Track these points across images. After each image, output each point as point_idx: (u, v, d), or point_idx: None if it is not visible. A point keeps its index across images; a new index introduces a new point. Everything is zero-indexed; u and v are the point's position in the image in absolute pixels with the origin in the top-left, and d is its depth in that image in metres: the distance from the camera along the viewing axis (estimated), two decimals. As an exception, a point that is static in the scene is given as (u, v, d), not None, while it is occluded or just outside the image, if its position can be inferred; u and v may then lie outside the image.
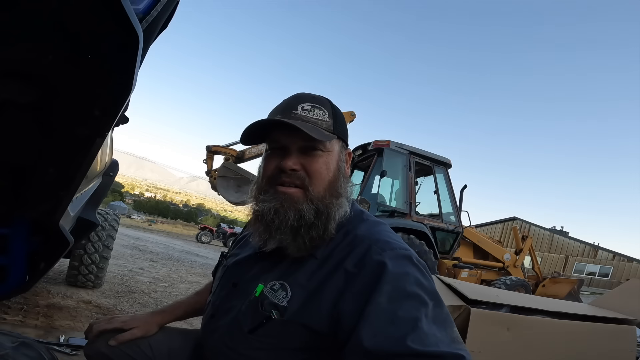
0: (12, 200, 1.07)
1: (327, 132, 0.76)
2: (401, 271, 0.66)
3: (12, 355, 0.38)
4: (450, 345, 0.60)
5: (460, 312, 1.67)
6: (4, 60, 0.65)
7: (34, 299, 2.53)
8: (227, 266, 0.91)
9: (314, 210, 0.73)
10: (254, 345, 0.73)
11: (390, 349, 0.59)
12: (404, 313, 0.62)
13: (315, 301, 0.69)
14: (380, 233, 0.75)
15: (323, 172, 0.75)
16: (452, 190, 5.55)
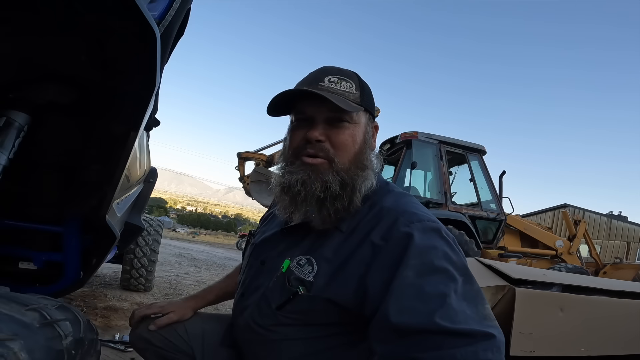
0: (63, 200, 1.18)
1: (354, 104, 0.74)
2: (429, 244, 0.64)
3: (51, 312, 0.43)
4: (482, 323, 0.58)
5: (505, 293, 1.60)
6: (44, 66, 0.73)
7: (93, 302, 2.74)
8: (254, 244, 0.93)
9: (339, 182, 0.72)
10: (282, 322, 0.74)
11: (418, 325, 0.57)
12: (432, 288, 0.60)
13: (342, 275, 0.69)
14: (408, 204, 0.73)
15: (349, 144, 0.74)
16: (490, 177, 5.31)
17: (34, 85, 0.76)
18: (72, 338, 0.45)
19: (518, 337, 1.49)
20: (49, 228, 1.24)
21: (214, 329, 0.95)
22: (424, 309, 0.58)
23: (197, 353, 0.90)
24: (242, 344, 0.84)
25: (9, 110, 0.76)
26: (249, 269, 0.89)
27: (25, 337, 0.36)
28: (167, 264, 5.40)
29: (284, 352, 0.74)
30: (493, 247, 5.22)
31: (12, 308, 0.40)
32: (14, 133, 0.77)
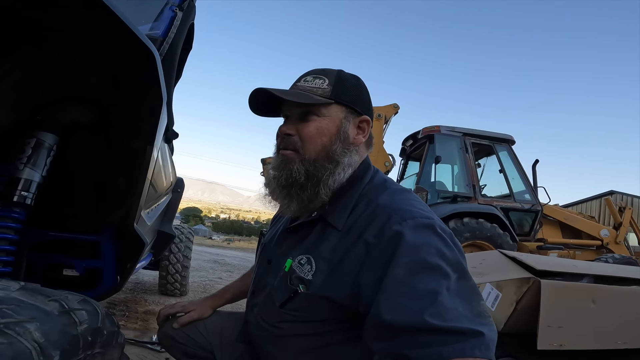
0: (96, 211, 1.29)
1: (319, 97, 0.77)
2: (421, 241, 0.65)
3: (70, 303, 0.51)
4: (474, 321, 0.58)
5: (530, 285, 1.55)
6: (62, 88, 0.82)
7: (134, 306, 2.93)
8: (264, 243, 0.97)
9: (304, 171, 0.76)
10: (286, 318, 0.77)
11: (408, 323, 0.58)
12: (423, 286, 0.60)
13: (338, 274, 0.70)
14: (403, 201, 0.74)
15: (314, 136, 0.77)
16: (521, 167, 5.08)
17: (57, 106, 0.86)
18: (87, 326, 0.52)
19: (546, 331, 1.44)
20: (87, 237, 1.34)
21: (231, 325, 1.00)
22: (414, 307, 0.59)
23: (215, 349, 0.96)
24: (253, 340, 0.88)
25: (38, 132, 0.87)
26: (258, 268, 0.94)
27: (42, 321, 0.43)
28: (202, 270, 5.63)
29: (290, 347, 0.78)
30: (531, 240, 4.97)
31: (37, 299, 0.48)
32: (44, 152, 0.88)
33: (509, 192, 4.95)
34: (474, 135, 4.92)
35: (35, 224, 1.13)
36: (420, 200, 0.78)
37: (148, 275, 4.10)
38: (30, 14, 0.63)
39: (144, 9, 1.18)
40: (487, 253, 1.94)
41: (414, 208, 0.71)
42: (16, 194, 0.85)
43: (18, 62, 0.70)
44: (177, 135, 1.59)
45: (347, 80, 0.82)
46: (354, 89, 0.82)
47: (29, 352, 0.38)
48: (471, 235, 4.13)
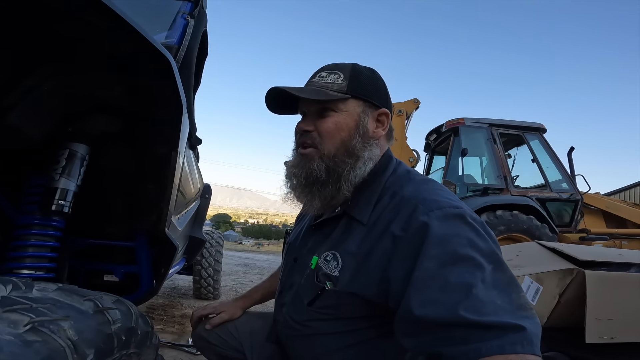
0: (130, 217, 1.35)
1: (334, 92, 0.76)
2: (450, 232, 0.62)
3: (104, 303, 0.52)
4: (514, 314, 0.55)
5: (573, 277, 1.46)
6: (89, 98, 0.86)
7: (172, 310, 3.02)
8: (289, 242, 0.97)
9: (324, 168, 0.75)
10: (315, 317, 0.76)
11: (441, 318, 0.56)
12: (456, 279, 0.57)
13: (365, 269, 0.69)
14: (428, 192, 0.71)
15: (332, 131, 0.76)
16: (556, 155, 4.82)
17: (86, 118, 0.90)
18: (120, 325, 0.53)
19: (594, 324, 1.35)
20: (123, 243, 1.40)
21: (261, 326, 1.01)
22: (447, 301, 0.56)
23: (246, 349, 0.97)
24: (282, 339, 0.88)
25: (70, 143, 0.91)
26: (285, 267, 0.94)
27: (76, 319, 0.45)
28: (233, 274, 5.75)
29: (320, 346, 0.77)
30: (572, 231, 4.69)
31: (73, 299, 0.50)
32: (78, 162, 0.92)
33: (544, 182, 4.70)
34: (501, 126, 4.73)
35: (75, 232, 1.20)
36: (447, 190, 0.75)
37: (183, 280, 4.23)
38: (51, 28, 0.66)
39: (157, 19, 1.22)
40: (523, 245, 1.85)
41: (441, 198, 0.69)
42: (54, 203, 0.90)
43: (45, 74, 0.74)
44: (200, 142, 1.63)
45: (363, 73, 0.80)
46: (370, 82, 0.81)
47: (63, 349, 0.40)
48: (506, 228, 3.95)
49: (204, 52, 1.60)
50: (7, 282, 0.47)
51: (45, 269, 0.94)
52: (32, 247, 0.92)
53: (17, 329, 0.38)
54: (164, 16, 1.23)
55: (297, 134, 0.81)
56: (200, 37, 1.33)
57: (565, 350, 1.44)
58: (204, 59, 1.64)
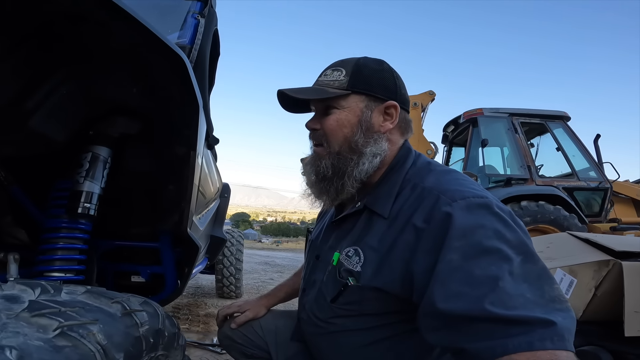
0: (154, 218, 1.36)
1: (335, 90, 0.75)
2: (475, 223, 0.59)
3: (131, 305, 0.52)
4: (546, 307, 0.52)
5: (610, 269, 1.39)
6: (107, 100, 0.87)
7: (196, 310, 3.07)
8: (311, 240, 0.97)
9: (330, 165, 0.75)
10: (339, 313, 0.75)
11: (466, 312, 0.54)
12: (481, 271, 0.55)
13: (388, 263, 0.67)
14: (451, 182, 0.69)
15: (334, 129, 0.76)
16: (582, 143, 4.63)
17: (106, 120, 0.91)
18: (148, 327, 0.53)
19: (633, 317, 1.28)
20: (148, 244, 1.42)
21: (286, 324, 1.01)
22: (472, 294, 0.54)
23: (271, 348, 0.97)
24: (306, 337, 0.87)
25: (92, 146, 0.93)
26: (307, 265, 0.93)
27: (105, 322, 0.45)
28: (254, 272, 5.81)
29: (344, 343, 0.76)
30: (602, 221, 4.50)
31: (102, 301, 0.49)
32: (101, 165, 0.93)
33: (570, 171, 4.53)
34: (522, 115, 4.59)
35: (102, 234, 1.22)
36: (470, 179, 0.72)
37: (206, 279, 4.30)
38: (65, 30, 0.67)
39: (168, 19, 1.22)
40: (554, 236, 1.77)
41: (465, 187, 0.66)
42: (80, 206, 0.92)
43: (63, 78, 0.75)
44: (218, 141, 1.64)
45: (367, 67, 0.78)
46: (375, 76, 0.78)
47: (93, 354, 0.39)
48: (532, 219, 3.82)
49: (216, 51, 1.60)
50: (35, 285, 0.47)
51: (74, 271, 0.96)
52: (61, 250, 0.94)
53: (46, 334, 0.37)
54: (175, 16, 1.24)
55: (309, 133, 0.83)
56: (212, 37, 1.33)
57: (603, 345, 1.38)
58: (216, 59, 1.64)
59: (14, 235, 1.13)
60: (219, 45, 1.64)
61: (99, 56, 0.76)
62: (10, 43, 0.63)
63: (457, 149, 5.43)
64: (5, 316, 0.37)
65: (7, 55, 0.64)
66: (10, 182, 1.01)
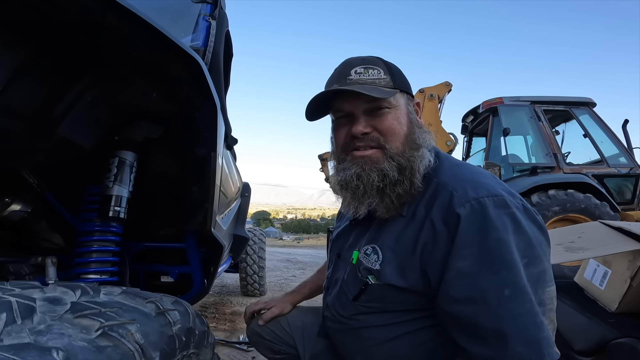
0: (180, 220, 1.40)
1: (388, 89, 0.73)
2: (485, 227, 0.61)
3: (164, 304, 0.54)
4: (536, 320, 0.58)
5: (644, 258, 1.32)
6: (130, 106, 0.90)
7: (222, 308, 3.14)
8: (332, 240, 0.97)
9: (396, 167, 0.71)
10: (362, 311, 0.76)
11: (465, 318, 0.61)
12: (484, 282, 0.59)
13: (406, 262, 0.68)
14: (464, 176, 0.69)
15: (396, 128, 0.73)
16: (609, 129, 4.44)
17: (130, 125, 0.94)
18: (180, 326, 0.55)
19: (674, 309, 1.22)
20: (175, 245, 1.46)
21: (312, 321, 1.02)
22: (472, 303, 0.60)
23: (298, 344, 0.99)
24: (331, 334, 0.88)
25: (118, 151, 0.96)
26: (330, 264, 0.95)
27: (142, 322, 0.46)
28: (277, 269, 5.88)
29: (369, 338, 0.76)
30: (635, 208, 4.31)
31: (137, 301, 0.51)
32: (128, 169, 0.97)
33: (599, 158, 4.34)
34: (545, 102, 4.45)
35: (132, 237, 1.26)
36: (482, 172, 0.72)
37: (230, 278, 4.38)
38: (84, 39, 0.69)
39: (180, 23, 1.24)
40: (586, 225, 1.70)
41: (478, 184, 0.66)
42: (111, 210, 0.95)
43: (85, 85, 0.78)
44: (236, 141, 1.66)
45: (393, 66, 0.79)
46: (401, 74, 0.80)
47: (132, 354, 0.41)
48: (561, 208, 3.69)
49: (229, 52, 1.61)
50: (75, 287, 0.49)
51: (109, 273, 1.00)
52: (95, 253, 0.98)
53: (89, 335, 0.39)
54: (186, 20, 1.25)
55: (348, 137, 0.76)
56: (224, 38, 1.34)
57: (640, 337, 1.32)
58: (230, 60, 1.65)
59: (50, 240, 1.19)
60: (232, 46, 1.66)
61: (117, 62, 0.78)
62: (32, 52, 0.66)
63: (478, 139, 5.33)
64: (50, 318, 0.39)
65: (31, 64, 0.67)
66: (43, 189, 1.06)
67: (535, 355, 0.57)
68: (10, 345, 0.33)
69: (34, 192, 1.04)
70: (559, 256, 1.35)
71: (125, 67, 0.80)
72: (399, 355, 0.73)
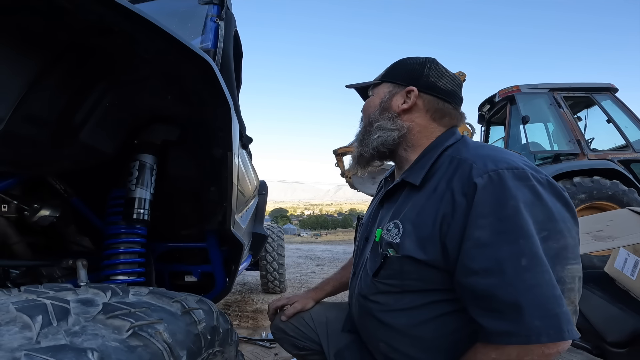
0: (200, 220, 1.43)
1: (371, 82, 0.94)
2: (503, 197, 0.60)
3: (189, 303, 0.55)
4: (553, 294, 0.56)
5: (677, 244, 1.26)
6: (147, 109, 0.92)
7: (244, 306, 3.19)
8: (362, 225, 0.99)
9: (361, 134, 0.92)
10: (381, 289, 0.76)
11: (481, 291, 0.59)
12: (502, 252, 0.58)
13: (426, 234, 0.68)
14: (487, 151, 0.70)
15: (365, 108, 0.94)
16: (633, 114, 4.25)
17: (148, 129, 0.96)
18: (205, 324, 0.56)
19: None
20: (197, 245, 1.49)
21: (336, 316, 1.03)
22: (489, 274, 0.59)
23: (322, 339, 0.99)
24: (356, 322, 0.89)
25: (138, 154, 0.99)
26: (357, 249, 0.96)
27: (169, 321, 0.47)
28: (296, 266, 5.92)
29: (389, 325, 0.75)
30: (664, 194, 4.11)
31: (164, 301, 0.53)
32: (148, 172, 0.99)
33: (624, 143, 4.16)
34: (564, 89, 4.30)
35: (156, 238, 1.29)
36: (507, 151, 0.72)
37: (251, 275, 4.45)
38: (97, 44, 0.71)
39: (189, 25, 1.26)
40: (614, 213, 1.64)
41: (499, 157, 0.66)
42: (135, 212, 0.98)
43: (103, 91, 0.80)
44: (251, 140, 1.67)
45: (402, 62, 0.90)
46: (403, 68, 0.89)
47: (161, 353, 0.42)
48: (587, 196, 3.55)
49: (239, 52, 1.62)
50: (106, 289, 0.51)
51: (136, 274, 1.03)
52: (123, 255, 1.02)
53: (120, 335, 0.40)
54: (194, 22, 1.27)
55: None
56: (233, 38, 1.35)
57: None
58: (240, 59, 1.67)
59: (79, 243, 1.23)
60: (241, 46, 1.67)
61: (131, 67, 0.80)
62: (48, 60, 0.68)
63: (495, 128, 5.21)
64: (84, 319, 0.40)
65: (48, 72, 0.69)
66: (70, 194, 1.10)
67: (553, 329, 0.55)
68: (47, 347, 0.35)
69: (62, 197, 1.08)
70: (588, 245, 1.30)
71: (139, 71, 0.82)
72: (424, 345, 0.72)
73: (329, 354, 0.96)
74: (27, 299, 0.43)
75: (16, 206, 0.96)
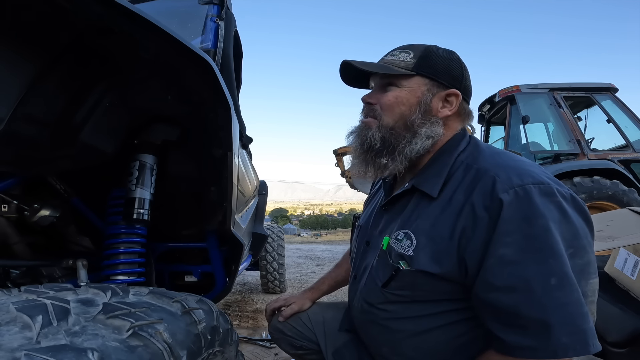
0: (200, 220, 1.43)
1: (400, 69, 0.77)
2: (531, 214, 0.59)
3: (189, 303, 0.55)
4: (578, 309, 0.56)
5: (682, 246, 1.26)
6: (147, 110, 0.92)
7: (244, 306, 3.19)
8: (360, 226, 0.97)
9: (380, 138, 0.76)
10: (390, 299, 0.75)
11: (505, 308, 0.59)
12: (528, 271, 0.57)
13: (443, 248, 0.66)
14: (507, 162, 0.68)
15: (392, 105, 0.77)
16: (633, 114, 4.26)
17: (148, 129, 0.96)
18: (205, 324, 0.56)
19: None
20: (197, 245, 1.49)
21: (333, 316, 1.02)
22: (514, 292, 0.58)
23: (320, 339, 0.99)
24: (358, 326, 0.87)
25: (138, 154, 0.99)
26: (357, 251, 0.93)
27: (169, 321, 0.47)
28: (296, 266, 5.92)
29: (397, 330, 0.75)
30: (665, 194, 4.12)
31: (164, 301, 0.53)
32: (148, 172, 0.99)
33: (624, 143, 4.17)
34: (564, 89, 4.32)
35: (156, 238, 1.29)
36: (525, 160, 0.70)
37: (251, 275, 4.44)
38: (97, 44, 0.71)
39: (189, 25, 1.26)
40: (614, 213, 1.64)
41: (523, 170, 0.64)
42: (135, 212, 0.98)
43: (103, 91, 0.81)
44: (251, 140, 1.67)
45: (435, 54, 0.79)
46: (443, 63, 0.79)
47: (161, 353, 0.42)
48: (588, 196, 3.56)
49: (239, 52, 1.62)
50: (106, 289, 0.51)
51: (136, 274, 1.03)
52: (123, 255, 1.02)
53: (121, 335, 0.40)
54: (194, 22, 1.27)
55: (363, 106, 0.84)
56: (233, 38, 1.35)
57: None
58: (240, 60, 1.67)
59: (79, 243, 1.23)
60: (241, 46, 1.67)
61: (131, 67, 0.80)
62: (47, 60, 0.68)
63: (495, 128, 5.22)
64: (84, 319, 0.41)
65: (48, 73, 0.69)
66: (70, 194, 1.10)
67: (579, 344, 0.55)
68: (48, 347, 0.35)
69: (62, 197, 1.08)
70: (587, 246, 1.30)
71: (139, 71, 0.82)
72: (428, 349, 0.72)
73: (327, 354, 0.96)
74: (27, 299, 0.43)
75: (16, 206, 0.96)
